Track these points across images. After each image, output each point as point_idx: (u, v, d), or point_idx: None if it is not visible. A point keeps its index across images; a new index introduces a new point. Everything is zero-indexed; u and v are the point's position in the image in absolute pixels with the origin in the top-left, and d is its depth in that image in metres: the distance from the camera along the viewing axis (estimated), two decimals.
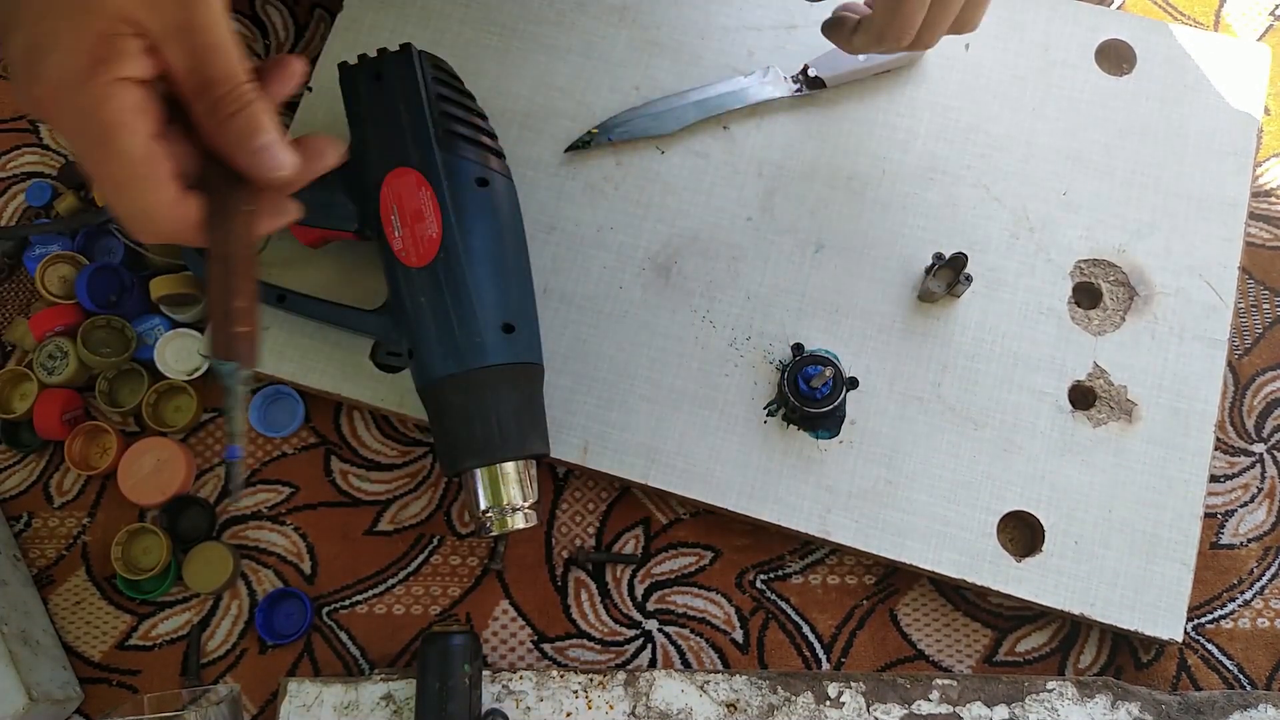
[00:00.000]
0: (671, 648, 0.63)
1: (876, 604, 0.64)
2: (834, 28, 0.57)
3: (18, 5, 0.33)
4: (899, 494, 0.61)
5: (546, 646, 0.63)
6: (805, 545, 0.65)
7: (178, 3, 0.33)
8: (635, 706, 0.59)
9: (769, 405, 0.63)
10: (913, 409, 0.63)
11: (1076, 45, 0.69)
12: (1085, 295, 0.65)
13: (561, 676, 0.60)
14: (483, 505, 0.56)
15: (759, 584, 0.64)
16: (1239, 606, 0.64)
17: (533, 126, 0.68)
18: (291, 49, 0.75)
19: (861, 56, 0.65)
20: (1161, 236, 0.65)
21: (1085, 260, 0.65)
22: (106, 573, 0.65)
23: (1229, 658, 0.63)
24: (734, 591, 0.64)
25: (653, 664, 0.63)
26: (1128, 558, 0.60)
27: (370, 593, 0.65)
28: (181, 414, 0.67)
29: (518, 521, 0.57)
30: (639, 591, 0.64)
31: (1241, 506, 0.65)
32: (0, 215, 0.73)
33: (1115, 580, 0.60)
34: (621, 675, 0.60)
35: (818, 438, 0.62)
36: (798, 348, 0.63)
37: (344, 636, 0.64)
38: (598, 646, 0.63)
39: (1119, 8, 0.76)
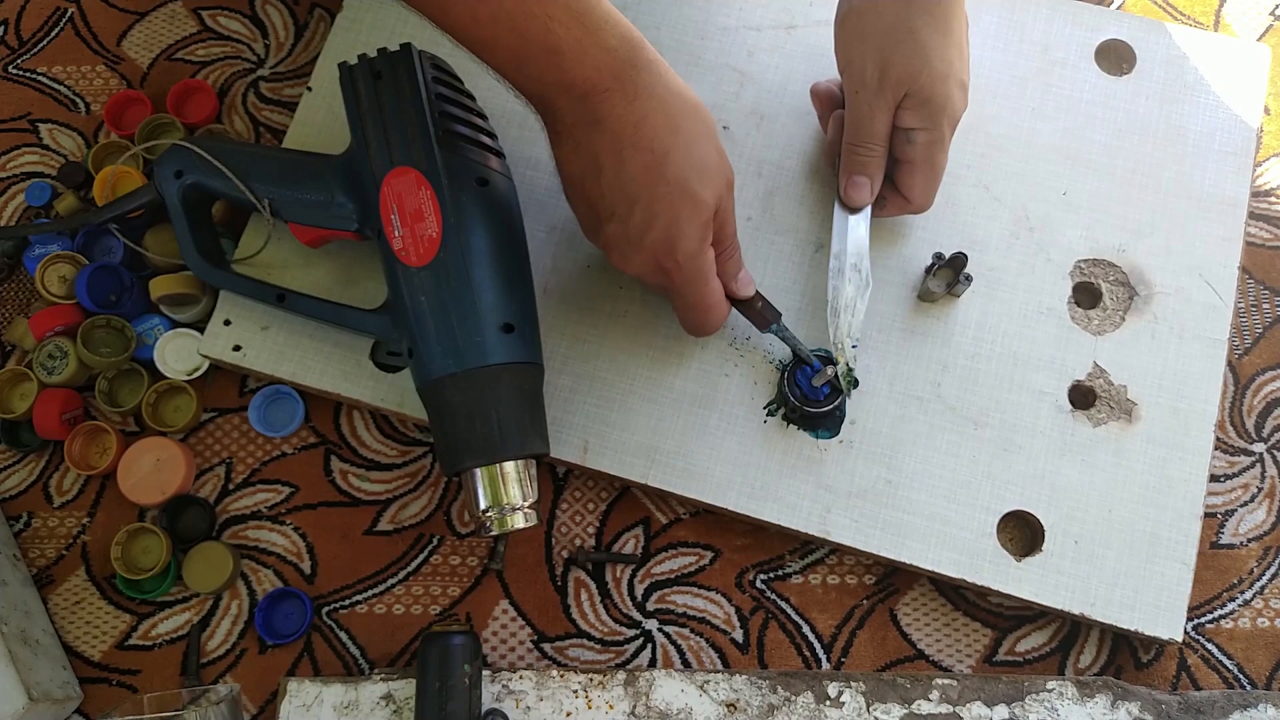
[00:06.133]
0: (671, 647, 0.63)
1: (876, 604, 0.64)
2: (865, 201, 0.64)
3: (655, 198, 0.52)
4: (899, 494, 0.61)
5: (546, 646, 0.63)
6: (805, 545, 0.65)
7: (725, 194, 0.55)
8: (635, 706, 0.59)
9: (769, 405, 0.63)
10: (913, 409, 0.62)
11: (1076, 45, 0.69)
12: (1085, 295, 0.65)
13: (561, 676, 0.60)
14: (483, 505, 0.56)
15: (759, 584, 0.64)
16: (1239, 606, 0.64)
17: (533, 126, 0.68)
18: (291, 49, 0.75)
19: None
20: (1161, 236, 0.65)
21: (1085, 260, 0.65)
22: (106, 572, 0.65)
23: (1229, 658, 0.63)
24: (734, 591, 0.64)
25: (653, 664, 0.63)
26: (1128, 558, 0.60)
27: (370, 593, 0.65)
28: (181, 414, 0.67)
29: (518, 521, 0.56)
30: (639, 591, 0.64)
31: (1241, 506, 0.65)
32: (0, 215, 0.73)
33: (1115, 580, 0.60)
34: (621, 675, 0.60)
35: (818, 438, 0.62)
36: None
37: (344, 636, 0.64)
38: (598, 646, 0.63)
39: (1119, 8, 0.76)
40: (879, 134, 0.60)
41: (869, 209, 0.63)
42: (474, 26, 0.50)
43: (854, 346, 0.61)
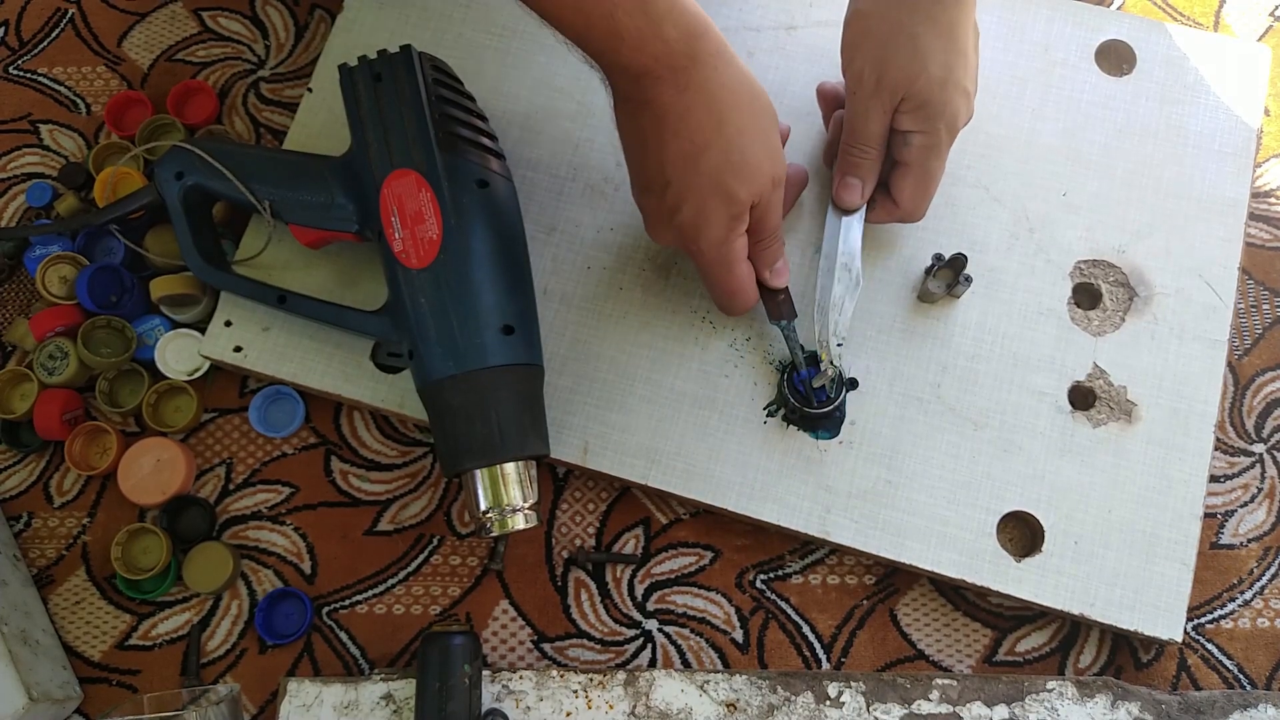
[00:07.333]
0: (671, 648, 0.63)
1: (876, 604, 0.64)
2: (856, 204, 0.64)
3: (686, 187, 0.54)
4: (899, 494, 0.61)
5: (546, 646, 0.63)
6: (805, 545, 0.65)
7: (766, 191, 0.56)
8: (635, 706, 0.59)
9: (769, 405, 0.63)
10: (913, 409, 0.63)
11: (1076, 45, 0.69)
12: (1085, 296, 0.65)
13: (561, 676, 0.60)
14: (483, 506, 0.56)
15: (759, 584, 0.64)
16: (1239, 606, 0.64)
17: (533, 127, 0.68)
18: (291, 49, 0.75)
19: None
20: (1161, 237, 0.65)
21: (1085, 261, 0.65)
22: (106, 573, 0.65)
23: (1229, 658, 0.63)
24: (734, 591, 0.64)
25: (653, 664, 0.63)
26: (1128, 558, 0.60)
27: (370, 593, 0.65)
28: (181, 414, 0.67)
29: (518, 522, 0.57)
30: (639, 591, 0.64)
31: (1241, 506, 0.65)
32: (1, 216, 0.73)
33: (1115, 580, 0.60)
34: (621, 675, 0.60)
35: (818, 438, 0.62)
36: None
37: (344, 636, 0.64)
38: (598, 646, 0.63)
39: (1119, 8, 0.76)
40: (874, 136, 0.60)
41: (862, 211, 0.63)
42: (542, 1, 0.52)
43: (839, 345, 0.61)
